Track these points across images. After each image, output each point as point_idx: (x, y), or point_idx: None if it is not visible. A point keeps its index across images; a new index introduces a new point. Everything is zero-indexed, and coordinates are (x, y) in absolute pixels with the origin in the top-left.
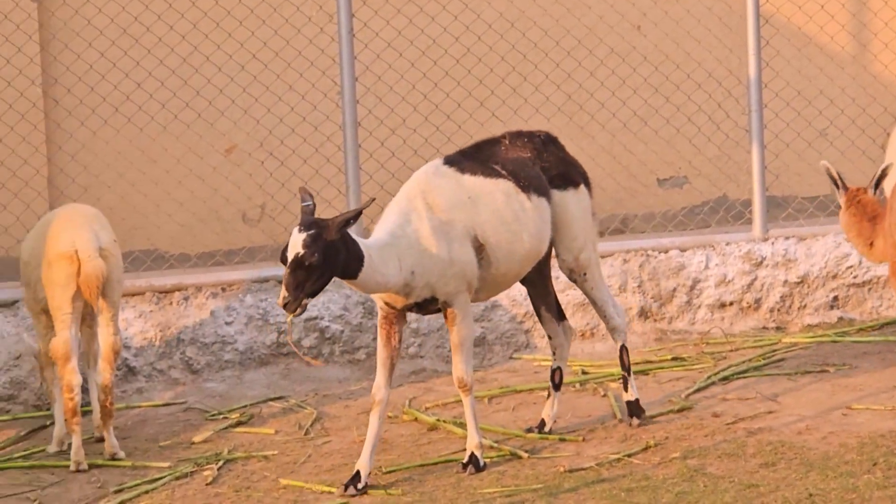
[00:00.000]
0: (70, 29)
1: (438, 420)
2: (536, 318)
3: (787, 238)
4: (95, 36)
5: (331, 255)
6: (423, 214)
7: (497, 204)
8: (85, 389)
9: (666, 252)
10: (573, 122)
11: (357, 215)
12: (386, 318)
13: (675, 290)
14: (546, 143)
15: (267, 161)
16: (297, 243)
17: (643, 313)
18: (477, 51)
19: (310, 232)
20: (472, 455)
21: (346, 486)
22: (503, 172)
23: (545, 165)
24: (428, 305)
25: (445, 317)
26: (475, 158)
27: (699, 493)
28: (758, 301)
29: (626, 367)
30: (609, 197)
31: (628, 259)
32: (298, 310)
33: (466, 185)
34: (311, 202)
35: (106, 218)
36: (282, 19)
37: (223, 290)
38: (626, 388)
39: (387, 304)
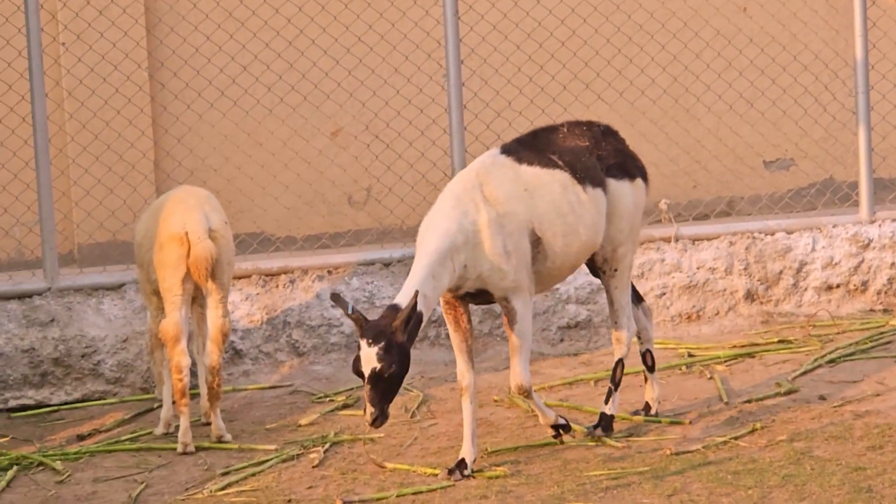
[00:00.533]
0: (176, 12)
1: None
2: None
3: (894, 220)
4: (201, 19)
5: (404, 356)
6: (480, 206)
7: (554, 196)
8: (193, 372)
9: (772, 234)
10: (679, 105)
11: (414, 308)
12: (448, 303)
13: (781, 272)
14: (605, 134)
15: (373, 144)
16: (371, 357)
17: (749, 296)
18: (582, 33)
19: (381, 344)
20: (557, 426)
21: (451, 472)
22: (560, 163)
23: (602, 154)
24: (481, 296)
25: (504, 313)
26: (532, 147)
27: (806, 476)
28: (865, 283)
29: (615, 381)
30: (715, 179)
31: (734, 241)
32: (385, 421)
33: (524, 177)
34: (349, 303)
35: (218, 200)
36: (387, 2)
37: (329, 272)
38: (606, 401)
39: (448, 301)
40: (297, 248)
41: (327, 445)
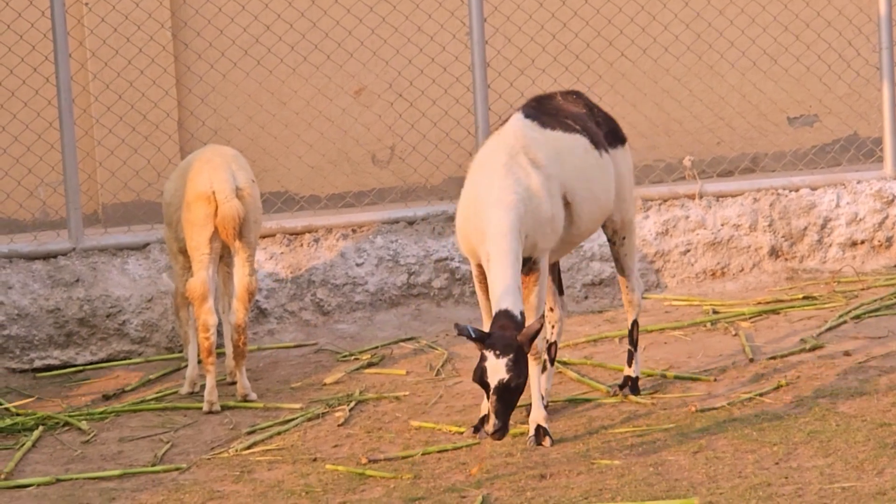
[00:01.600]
0: None
1: (561, 363)
2: (666, 259)
3: None
4: None
5: (527, 368)
6: (529, 171)
7: (579, 160)
8: (219, 332)
9: (796, 191)
10: (702, 62)
11: (541, 326)
12: (481, 274)
13: (805, 228)
14: (588, 101)
15: (396, 102)
16: (499, 368)
17: (773, 252)
18: None
19: (509, 356)
20: (539, 427)
21: (476, 429)
22: (577, 127)
23: (598, 121)
24: (524, 264)
25: (531, 274)
26: (547, 112)
27: (831, 432)
28: (889, 239)
29: (633, 342)
30: (739, 136)
31: (759, 198)
32: (506, 433)
33: (551, 141)
34: (467, 326)
35: (245, 159)
36: None
37: (353, 231)
38: (629, 363)
39: (480, 266)
40: (322, 207)
41: (352, 404)
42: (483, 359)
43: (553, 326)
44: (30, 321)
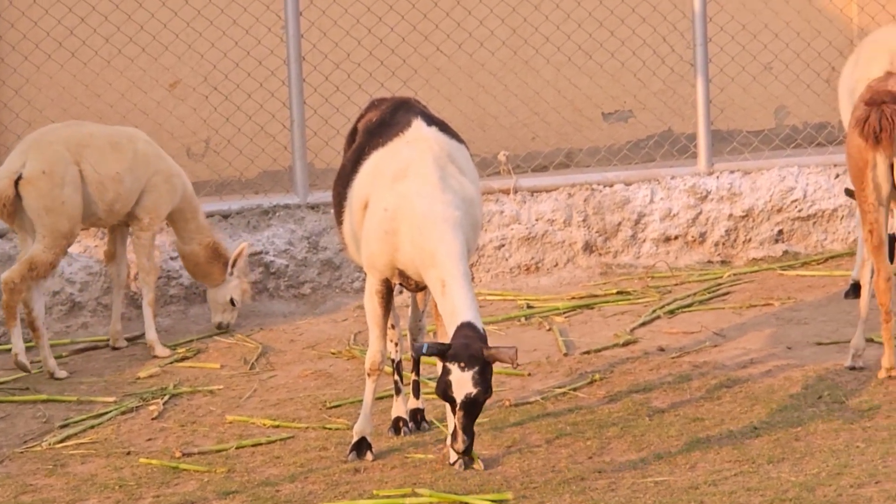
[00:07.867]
0: None
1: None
2: (481, 253)
3: (732, 172)
4: None
5: (491, 378)
6: (461, 180)
7: (471, 167)
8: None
9: (611, 186)
10: (518, 57)
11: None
12: (385, 289)
13: (619, 224)
14: None
15: (211, 96)
16: (465, 382)
17: (588, 247)
18: None
19: (475, 368)
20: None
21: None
22: (457, 134)
23: None
24: None
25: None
26: (434, 119)
27: (644, 427)
28: (703, 235)
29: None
30: (554, 131)
31: (573, 193)
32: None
33: (456, 148)
34: (424, 344)
35: (55, 146)
36: None
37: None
38: (416, 394)
39: (386, 280)
40: None
41: (167, 398)
42: (447, 372)
43: (396, 344)
44: None
